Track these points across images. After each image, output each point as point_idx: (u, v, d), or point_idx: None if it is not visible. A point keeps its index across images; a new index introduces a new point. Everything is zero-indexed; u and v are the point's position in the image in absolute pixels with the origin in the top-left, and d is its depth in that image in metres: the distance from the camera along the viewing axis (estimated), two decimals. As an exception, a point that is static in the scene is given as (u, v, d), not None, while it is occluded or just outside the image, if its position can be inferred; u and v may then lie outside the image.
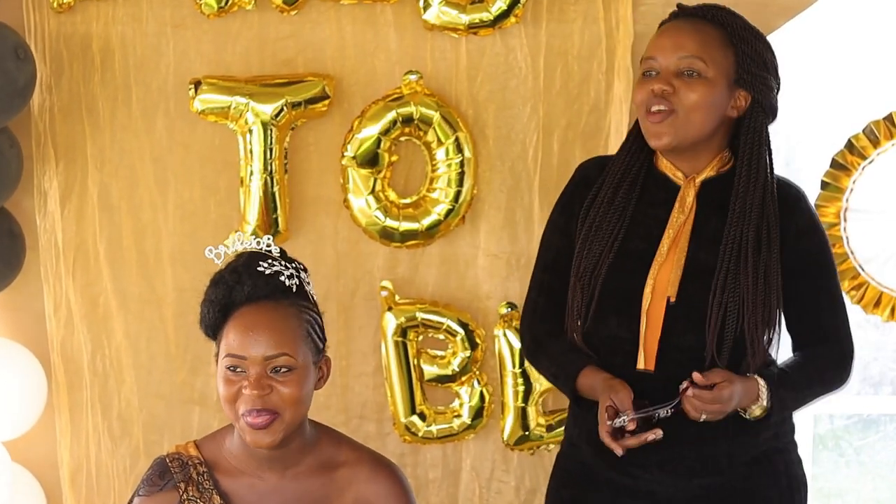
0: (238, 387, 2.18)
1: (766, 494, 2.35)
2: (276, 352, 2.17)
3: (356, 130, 2.81)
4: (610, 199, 2.36)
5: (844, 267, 3.03)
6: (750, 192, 2.32)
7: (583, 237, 2.36)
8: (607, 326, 2.33)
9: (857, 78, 3.33)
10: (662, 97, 2.29)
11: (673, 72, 2.30)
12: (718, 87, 2.30)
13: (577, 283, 2.34)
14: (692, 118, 2.30)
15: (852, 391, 3.67)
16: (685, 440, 2.29)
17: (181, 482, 2.25)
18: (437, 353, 2.88)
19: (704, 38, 2.31)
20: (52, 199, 2.87)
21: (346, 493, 2.27)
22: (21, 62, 2.66)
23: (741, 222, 2.31)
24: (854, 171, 2.99)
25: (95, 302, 2.90)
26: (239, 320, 2.20)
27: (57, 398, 2.91)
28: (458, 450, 2.92)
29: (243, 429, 2.19)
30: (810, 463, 3.52)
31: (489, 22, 2.79)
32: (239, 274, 2.22)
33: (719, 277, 2.29)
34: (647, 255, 2.32)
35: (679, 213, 2.34)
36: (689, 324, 2.29)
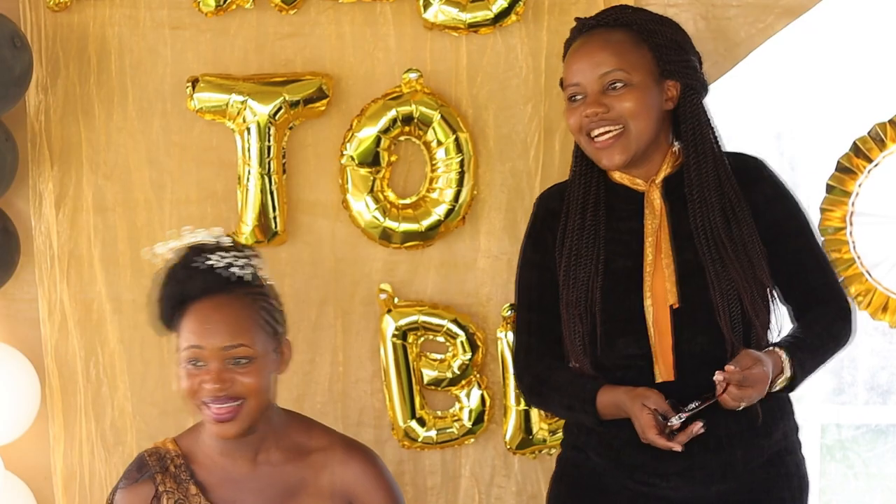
0: (199, 380, 2.26)
1: (780, 496, 2.41)
2: (234, 342, 2.25)
3: (356, 129, 2.84)
4: (580, 224, 2.40)
5: (851, 272, 3.04)
6: (703, 176, 2.36)
7: (565, 268, 2.40)
8: (616, 349, 2.36)
9: (861, 79, 3.36)
10: (600, 119, 2.35)
11: (598, 91, 2.36)
12: (647, 88, 2.36)
13: (574, 314, 2.37)
14: (637, 127, 2.35)
15: (860, 400, 3.69)
16: (704, 448, 2.33)
17: (157, 474, 2.34)
18: (436, 357, 2.90)
19: (617, 46, 2.37)
20: (47, 202, 2.91)
21: (322, 476, 2.34)
22: (18, 50, 2.70)
23: (704, 209, 2.36)
24: (860, 174, 3.01)
25: (89, 307, 2.93)
26: (195, 314, 2.27)
27: (51, 404, 2.94)
28: (457, 455, 2.94)
29: (208, 420, 2.27)
30: (818, 475, 3.54)
31: (490, 20, 2.84)
32: (190, 269, 2.29)
33: (710, 273, 2.33)
34: (634, 271, 2.37)
35: (651, 217, 2.39)
36: (697, 325, 2.34)
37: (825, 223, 3.00)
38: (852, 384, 3.81)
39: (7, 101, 2.74)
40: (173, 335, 2.33)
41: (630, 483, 2.39)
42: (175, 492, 2.33)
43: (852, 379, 3.80)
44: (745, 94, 3.33)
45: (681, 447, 2.25)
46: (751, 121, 3.47)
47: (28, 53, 2.75)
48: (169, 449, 2.38)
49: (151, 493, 2.33)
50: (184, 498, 2.32)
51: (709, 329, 2.34)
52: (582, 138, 2.40)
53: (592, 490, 2.43)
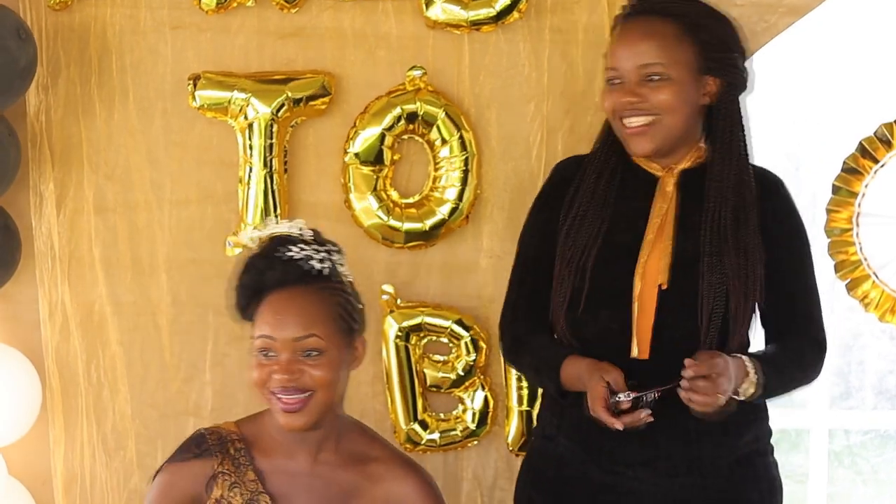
0: (268, 370, 2.28)
1: (748, 497, 2.43)
2: (305, 333, 2.27)
3: (359, 127, 2.87)
4: (591, 192, 2.44)
5: (858, 274, 3.07)
6: (725, 173, 2.39)
7: (566, 229, 2.44)
8: (598, 319, 2.40)
9: (867, 79, 3.37)
10: (634, 109, 2.38)
11: (635, 80, 2.39)
12: (685, 83, 2.38)
13: (564, 272, 2.41)
14: (670, 120, 2.38)
15: (868, 405, 3.70)
16: (671, 439, 2.36)
17: (217, 453, 2.33)
18: (439, 359, 2.93)
19: (660, 38, 2.38)
20: (47, 202, 2.93)
21: (377, 487, 2.35)
22: (23, 42, 2.73)
23: (718, 205, 2.39)
24: (866, 174, 3.03)
25: (90, 308, 2.95)
26: (270, 304, 2.30)
27: (51, 406, 2.95)
28: (459, 458, 2.96)
29: (277, 410, 2.29)
30: (826, 482, 3.55)
31: (492, 18, 2.87)
32: (270, 259, 2.31)
33: (704, 262, 2.36)
34: (632, 247, 2.40)
35: (661, 202, 2.42)
36: (682, 311, 2.37)
37: (831, 224, 3.03)
38: (860, 389, 3.82)
39: (11, 94, 2.78)
40: (249, 324, 2.34)
41: (595, 472, 2.41)
42: (232, 474, 2.32)
43: (860, 383, 3.80)
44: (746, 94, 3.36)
45: (621, 426, 2.26)
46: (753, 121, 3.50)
47: (33, 46, 2.78)
48: (231, 430, 2.37)
49: (209, 472, 2.32)
50: (240, 482, 2.32)
51: (692, 318, 2.37)
52: (615, 122, 2.43)
53: (556, 480, 2.46)
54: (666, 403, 2.30)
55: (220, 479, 2.34)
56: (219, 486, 2.34)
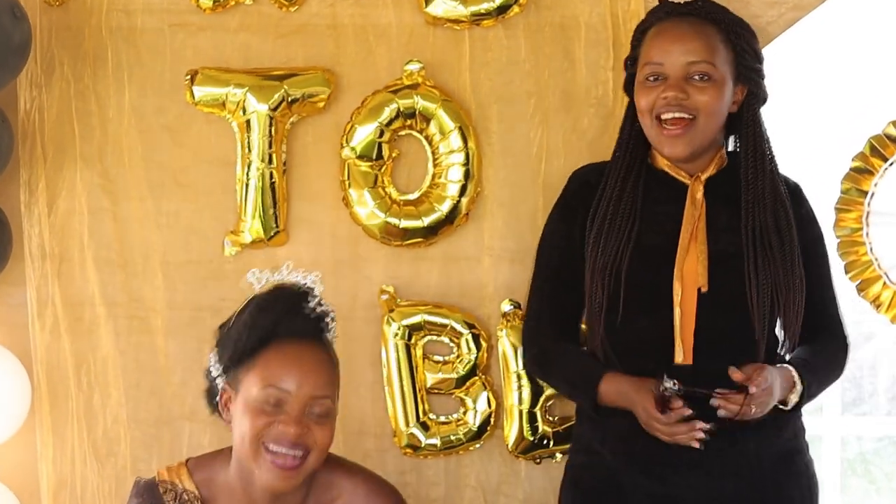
0: (271, 421, 2.21)
1: (790, 494, 2.49)
2: (322, 393, 2.24)
3: (356, 121, 2.92)
4: (618, 195, 2.49)
5: (868, 275, 3.08)
6: (759, 180, 2.47)
7: (595, 234, 2.49)
8: (637, 324, 2.45)
9: (876, 76, 3.40)
10: (678, 105, 2.43)
11: (682, 76, 2.44)
12: (726, 87, 2.47)
13: (597, 278, 2.46)
14: (707, 123, 2.45)
15: (881, 411, 3.71)
16: (716, 439, 2.40)
17: None
18: (439, 359, 2.96)
19: (709, 39, 2.46)
20: (39, 200, 2.96)
21: None
22: (18, 20, 2.76)
23: (756, 210, 2.46)
24: (876, 173, 3.05)
25: (82, 309, 2.98)
26: (284, 353, 2.24)
27: (39, 409, 2.97)
28: (461, 464, 2.98)
29: (262, 467, 2.22)
30: (839, 490, 3.56)
31: (492, 12, 2.91)
32: (290, 306, 2.27)
33: (749, 264, 2.42)
34: (666, 250, 2.46)
35: (692, 208, 2.48)
36: (723, 312, 2.43)
37: (840, 224, 3.05)
38: (872, 394, 3.82)
39: (6, 71, 2.80)
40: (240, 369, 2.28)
41: (644, 481, 2.46)
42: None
43: (872, 388, 3.80)
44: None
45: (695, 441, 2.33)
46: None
47: (27, 24, 2.81)
48: (186, 488, 2.30)
49: None
50: None
51: (733, 317, 2.43)
52: (648, 120, 2.48)
53: (608, 493, 2.50)
54: (714, 408, 2.36)
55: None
56: None
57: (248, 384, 2.25)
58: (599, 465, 2.51)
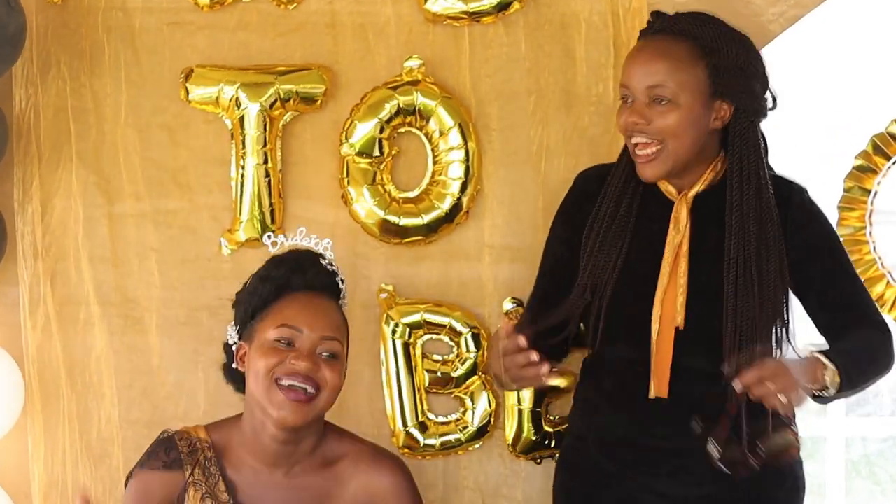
0: (283, 357, 2.40)
1: (773, 495, 2.54)
2: (332, 334, 2.44)
3: (356, 118, 2.96)
4: (613, 212, 2.55)
5: (872, 274, 3.12)
6: (745, 203, 2.49)
7: (588, 251, 2.56)
8: (616, 350, 2.53)
9: (879, 75, 3.43)
10: (639, 131, 2.48)
11: (644, 101, 2.49)
12: (693, 108, 2.48)
13: (577, 298, 2.54)
14: (674, 145, 2.48)
15: (886, 412, 3.73)
16: (695, 451, 2.45)
17: (188, 464, 2.43)
18: (439, 358, 3.00)
19: (671, 60, 2.47)
20: (33, 199, 2.98)
21: (348, 485, 2.48)
22: (12, 10, 2.79)
23: (740, 237, 2.48)
24: (879, 171, 3.10)
25: (76, 309, 3.00)
26: (298, 300, 2.45)
27: (31, 408, 2.99)
28: (459, 465, 3.02)
29: (274, 401, 2.39)
30: (843, 492, 3.59)
31: (493, 9, 2.96)
32: (302, 261, 2.48)
33: (728, 301, 2.46)
34: (649, 278, 2.51)
35: (675, 232, 2.53)
36: (699, 347, 2.49)
37: (843, 223, 3.10)
38: (877, 394, 3.85)
39: (0, 60, 2.82)
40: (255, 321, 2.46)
41: (625, 478, 2.55)
42: (203, 484, 2.43)
43: (877, 389, 3.82)
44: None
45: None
46: None
47: (22, 15, 2.83)
48: (200, 437, 2.48)
49: (180, 483, 2.43)
50: (211, 493, 2.42)
51: (709, 352, 2.47)
52: (627, 140, 2.54)
53: (594, 478, 2.59)
54: (692, 414, 2.42)
55: (192, 490, 2.44)
56: (191, 497, 2.43)
57: (263, 330, 2.46)
58: (584, 450, 2.60)
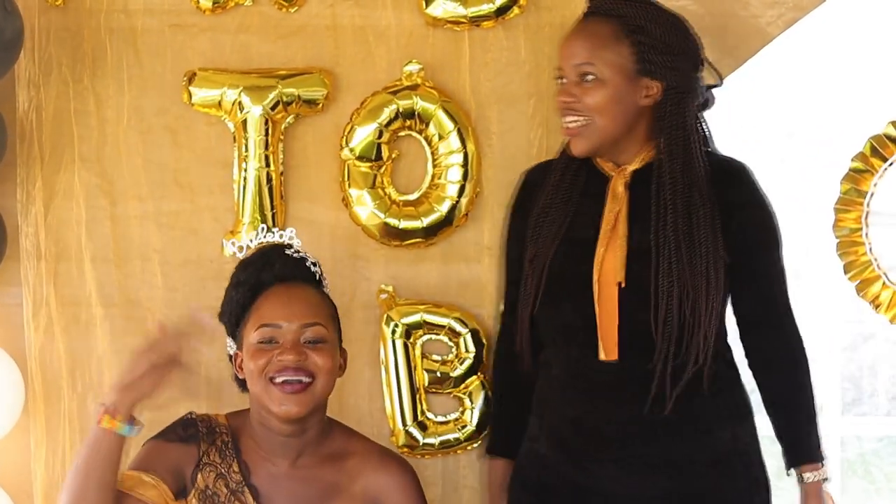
0: (270, 356, 2.44)
1: (725, 497, 2.59)
2: (311, 320, 2.46)
3: (356, 122, 3.00)
4: (554, 191, 2.65)
5: (867, 275, 3.13)
6: (672, 177, 2.55)
7: (532, 227, 2.65)
8: (561, 313, 2.60)
9: (875, 76, 3.47)
10: (569, 108, 2.58)
11: (573, 80, 2.59)
12: (618, 85, 2.57)
13: (528, 270, 2.63)
14: (601, 122, 2.57)
15: (881, 411, 3.76)
16: (645, 439, 2.54)
17: (204, 442, 2.48)
18: (438, 358, 3.03)
19: (594, 39, 2.58)
20: (36, 200, 3.02)
21: (356, 482, 2.51)
22: (9, 14, 2.81)
23: (667, 203, 2.55)
24: (875, 173, 3.11)
25: (78, 310, 3.03)
26: (272, 296, 2.48)
27: (33, 409, 3.02)
28: (458, 464, 3.05)
29: (273, 399, 2.43)
30: (839, 492, 3.63)
31: (492, 14, 3.00)
32: (268, 256, 2.51)
33: (658, 264, 2.53)
34: (592, 243, 2.59)
35: (612, 202, 2.60)
36: (642, 306, 2.54)
37: (839, 224, 3.12)
38: (872, 395, 3.88)
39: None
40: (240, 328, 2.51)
41: (573, 474, 2.60)
42: (218, 466, 2.49)
43: (872, 389, 3.86)
44: (754, 93, 3.47)
45: None
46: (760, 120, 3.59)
47: (19, 20, 2.86)
48: (220, 422, 2.53)
49: (194, 459, 2.49)
50: (225, 473, 2.48)
51: (647, 311, 2.54)
52: (562, 121, 2.63)
53: (539, 481, 2.65)
54: (640, 404, 2.50)
55: (206, 470, 2.49)
56: (204, 476, 2.49)
57: (247, 334, 2.49)
58: (537, 452, 2.66)
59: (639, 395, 2.55)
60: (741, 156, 2.71)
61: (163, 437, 2.53)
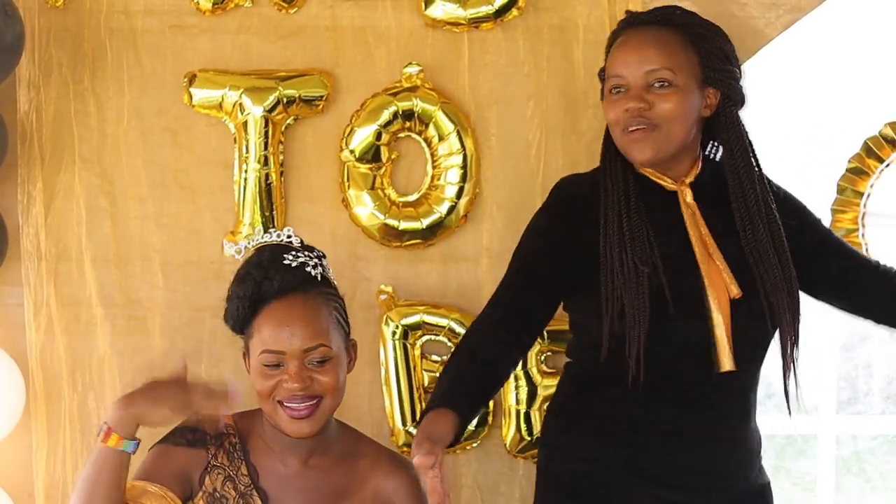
0: (276, 381, 2.43)
1: None
2: (314, 343, 2.44)
3: (355, 124, 3.01)
4: (625, 209, 2.51)
5: None
6: (747, 184, 2.53)
7: (612, 247, 2.49)
8: (676, 330, 2.48)
9: (872, 78, 3.49)
10: (640, 115, 2.49)
11: (643, 86, 2.50)
12: (691, 92, 2.51)
13: (631, 284, 2.46)
14: (672, 129, 2.50)
15: (876, 410, 3.78)
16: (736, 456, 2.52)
17: (212, 445, 2.49)
18: (437, 359, 3.05)
19: (667, 45, 2.51)
20: (36, 201, 3.03)
21: (367, 485, 2.53)
22: (9, 19, 2.83)
23: (751, 216, 2.52)
24: (872, 174, 3.14)
25: (78, 310, 3.05)
26: (272, 315, 2.45)
27: (34, 410, 3.03)
28: (458, 463, 3.07)
29: (282, 420, 2.43)
30: (834, 489, 3.65)
31: (491, 16, 3.01)
32: (265, 269, 2.47)
33: (761, 274, 2.50)
34: (682, 257, 2.50)
35: (690, 214, 2.54)
36: (752, 318, 2.50)
37: (836, 225, 3.13)
38: (868, 393, 3.90)
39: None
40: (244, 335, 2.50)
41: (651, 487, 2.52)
42: (226, 468, 2.49)
43: (867, 388, 3.88)
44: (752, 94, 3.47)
45: None
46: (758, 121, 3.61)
47: (20, 24, 2.87)
48: (228, 424, 2.52)
49: (202, 462, 2.48)
50: (234, 476, 2.48)
51: (761, 322, 2.50)
52: (616, 131, 2.53)
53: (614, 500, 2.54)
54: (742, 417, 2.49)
55: (214, 473, 2.49)
56: (212, 479, 2.49)
57: (252, 349, 2.48)
58: (604, 474, 2.53)
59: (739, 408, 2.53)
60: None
61: (169, 442, 2.53)
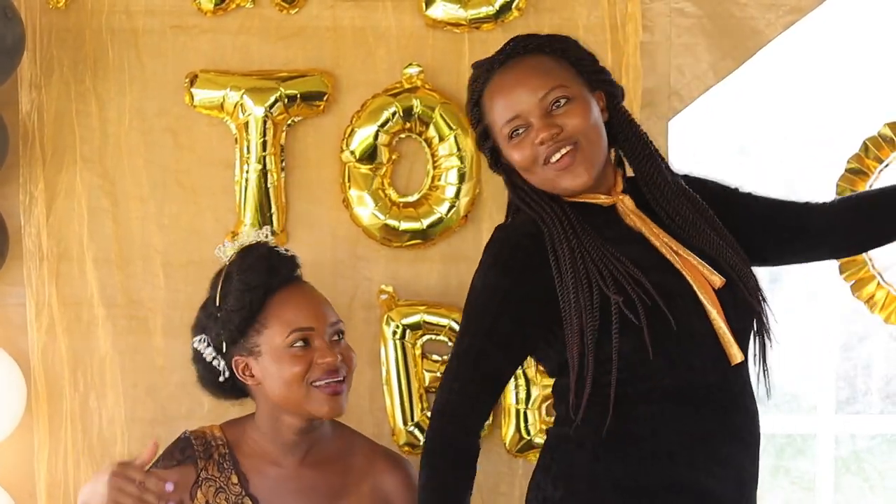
0: (308, 360, 2.48)
1: None
2: (335, 318, 2.55)
3: (356, 125, 3.02)
4: (576, 242, 2.38)
5: (863, 275, 3.17)
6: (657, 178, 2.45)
7: (583, 280, 2.35)
8: (688, 330, 2.36)
9: (871, 78, 3.50)
10: (555, 141, 2.36)
11: (543, 114, 2.37)
12: (588, 100, 2.40)
13: (632, 291, 2.34)
14: (592, 140, 2.38)
15: (875, 410, 3.78)
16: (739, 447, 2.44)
17: (201, 459, 2.50)
18: (437, 359, 3.06)
19: (544, 67, 2.40)
20: (38, 201, 3.03)
21: (364, 482, 2.55)
22: (10, 21, 2.83)
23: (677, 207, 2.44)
24: (871, 175, 3.15)
25: (80, 310, 3.05)
26: (289, 298, 2.52)
27: (36, 410, 3.04)
28: None
29: (315, 401, 2.47)
30: (832, 489, 3.66)
31: (491, 16, 3.02)
32: (267, 259, 2.54)
33: (724, 261, 2.42)
34: (653, 262, 2.40)
35: (641, 221, 2.43)
36: (738, 305, 2.42)
37: None
38: (866, 393, 3.91)
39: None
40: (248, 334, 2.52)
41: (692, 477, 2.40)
42: (217, 479, 2.51)
43: (866, 387, 3.90)
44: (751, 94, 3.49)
45: None
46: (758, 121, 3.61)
47: (20, 26, 2.87)
48: (216, 435, 2.56)
49: (192, 478, 2.51)
50: (225, 486, 2.50)
51: (746, 307, 2.43)
52: (535, 170, 2.41)
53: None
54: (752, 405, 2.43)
55: (206, 485, 2.51)
56: (203, 492, 2.50)
57: (269, 339, 2.51)
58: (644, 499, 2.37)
59: (753, 397, 2.45)
60: (739, 156, 2.70)
61: (161, 465, 2.55)
